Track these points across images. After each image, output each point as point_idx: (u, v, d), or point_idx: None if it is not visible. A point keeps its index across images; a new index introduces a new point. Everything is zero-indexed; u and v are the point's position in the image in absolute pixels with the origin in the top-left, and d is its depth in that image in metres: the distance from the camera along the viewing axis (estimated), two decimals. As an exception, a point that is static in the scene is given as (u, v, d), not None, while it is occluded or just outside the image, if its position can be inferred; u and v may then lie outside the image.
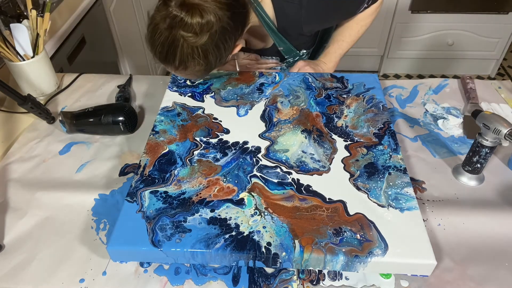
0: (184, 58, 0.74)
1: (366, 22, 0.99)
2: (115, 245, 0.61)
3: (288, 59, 1.05)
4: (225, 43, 0.76)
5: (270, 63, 1.08)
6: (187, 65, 0.75)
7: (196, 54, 0.73)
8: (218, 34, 0.73)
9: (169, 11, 0.70)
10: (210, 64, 0.77)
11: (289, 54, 1.02)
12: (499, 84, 1.02)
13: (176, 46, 0.72)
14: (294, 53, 1.02)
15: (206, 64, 0.77)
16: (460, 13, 2.20)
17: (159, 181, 0.71)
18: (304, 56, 1.06)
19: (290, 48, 1.00)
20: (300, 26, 0.92)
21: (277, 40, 0.97)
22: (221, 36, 0.74)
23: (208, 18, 0.70)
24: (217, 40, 0.74)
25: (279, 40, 0.97)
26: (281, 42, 0.97)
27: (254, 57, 1.07)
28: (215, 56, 0.76)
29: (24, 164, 0.85)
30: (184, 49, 0.72)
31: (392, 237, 0.61)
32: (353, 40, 1.01)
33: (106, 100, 1.01)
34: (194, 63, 0.75)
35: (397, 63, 2.50)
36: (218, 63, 0.79)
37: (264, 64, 1.08)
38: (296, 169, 0.72)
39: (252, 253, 0.59)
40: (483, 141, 0.73)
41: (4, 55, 0.95)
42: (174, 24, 0.70)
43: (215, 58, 0.76)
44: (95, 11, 1.56)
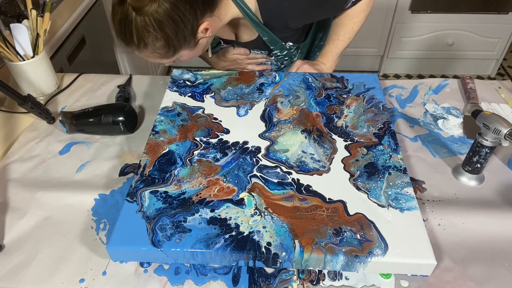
0: (140, 33, 0.72)
1: (359, 19, 0.98)
2: (115, 245, 0.61)
3: (275, 50, 1.04)
4: (181, 14, 0.73)
5: (259, 57, 1.08)
6: (146, 41, 0.74)
7: (151, 26, 0.72)
8: (169, 4, 0.71)
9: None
10: (169, 39, 0.75)
11: (274, 45, 1.02)
12: (499, 84, 1.02)
13: (129, 22, 0.71)
14: (279, 45, 1.02)
15: (165, 39, 0.74)
16: (460, 13, 2.20)
17: (159, 181, 0.71)
18: (293, 50, 1.06)
19: (274, 38, 0.99)
20: (284, 19, 0.92)
21: (260, 31, 0.97)
22: (173, 7, 0.72)
23: None
24: (169, 11, 0.72)
25: (262, 31, 0.96)
26: (264, 32, 0.97)
27: (243, 51, 1.06)
28: (172, 29, 0.74)
29: (24, 164, 0.85)
30: (138, 22, 0.71)
31: (392, 237, 0.61)
32: (349, 38, 1.00)
33: (106, 100, 1.01)
34: (151, 38, 0.73)
35: (397, 63, 2.50)
36: (180, 40, 0.77)
37: (253, 59, 1.08)
38: (296, 169, 0.72)
39: (252, 253, 0.59)
40: (483, 141, 0.73)
41: (4, 55, 0.95)
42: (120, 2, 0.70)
43: (174, 32, 0.74)
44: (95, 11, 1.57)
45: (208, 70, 0.98)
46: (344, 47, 1.02)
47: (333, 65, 1.03)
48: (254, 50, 1.06)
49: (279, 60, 1.09)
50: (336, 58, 1.03)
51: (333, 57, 1.02)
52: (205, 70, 0.98)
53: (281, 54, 1.06)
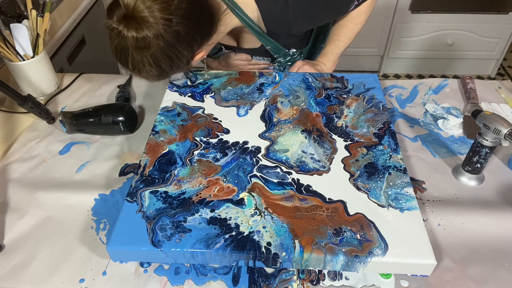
0: (136, 65, 0.72)
1: (360, 20, 0.98)
2: (115, 245, 0.61)
3: (278, 58, 1.04)
4: (177, 53, 0.73)
5: (261, 64, 1.07)
6: (140, 70, 0.74)
7: (147, 62, 0.72)
8: (166, 46, 0.71)
9: (110, 22, 0.69)
10: (164, 71, 0.75)
11: (278, 53, 1.01)
12: (499, 84, 1.02)
13: (126, 54, 0.71)
14: (283, 52, 1.01)
15: (160, 71, 0.75)
16: (460, 13, 2.20)
17: (159, 181, 0.71)
18: (296, 56, 1.05)
19: (277, 47, 0.99)
20: (288, 27, 0.91)
21: (263, 40, 0.96)
22: (170, 47, 0.71)
23: (145, 34, 0.67)
24: (166, 51, 0.71)
25: (266, 40, 0.96)
26: (267, 41, 0.96)
27: (245, 57, 1.06)
28: (167, 64, 0.74)
29: (24, 164, 0.85)
30: (135, 57, 0.71)
31: (392, 237, 0.61)
32: (350, 39, 1.01)
33: (106, 100, 1.01)
34: (146, 70, 0.73)
35: (397, 63, 2.50)
36: (175, 70, 0.77)
37: (255, 65, 1.07)
38: (296, 169, 0.72)
39: (252, 253, 0.59)
40: (483, 141, 0.73)
41: (4, 55, 0.95)
42: (116, 34, 0.69)
43: (168, 66, 0.74)
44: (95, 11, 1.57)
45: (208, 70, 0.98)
46: (344, 48, 1.02)
47: (333, 65, 1.03)
48: (256, 57, 1.06)
49: (281, 65, 1.08)
50: (337, 58, 1.03)
51: (334, 57, 1.02)
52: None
53: (284, 60, 1.06)
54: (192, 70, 0.97)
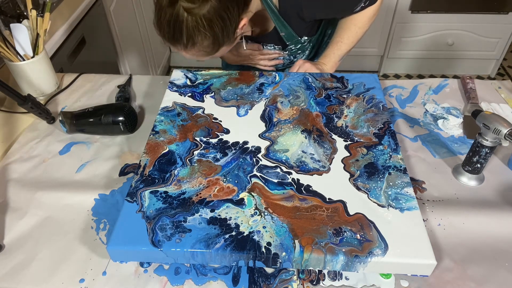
0: (191, 32, 0.75)
1: (363, 24, 1.00)
2: (115, 245, 0.61)
3: (290, 45, 1.05)
4: (228, 13, 0.77)
5: (272, 53, 1.09)
6: (195, 40, 0.77)
7: (201, 25, 0.75)
8: (218, 3, 0.74)
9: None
10: (217, 36, 0.78)
11: (291, 40, 1.03)
12: (499, 84, 1.02)
13: (181, 21, 0.74)
14: (295, 39, 1.03)
15: (213, 37, 0.78)
16: (460, 13, 2.20)
17: (159, 181, 0.71)
18: (306, 44, 1.07)
19: (291, 33, 1.00)
20: (301, 9, 0.93)
21: (279, 25, 0.98)
22: (223, 5, 0.75)
23: None
24: (219, 9, 0.75)
25: (281, 25, 0.98)
26: (283, 27, 0.98)
27: (256, 47, 1.07)
28: (220, 28, 0.77)
29: (24, 164, 0.85)
30: (189, 23, 0.74)
31: (392, 237, 0.61)
32: (352, 42, 1.02)
33: (106, 100, 1.01)
34: (201, 36, 0.76)
35: (397, 63, 2.50)
36: (225, 37, 0.80)
37: (266, 55, 1.09)
38: (296, 169, 0.72)
39: (252, 253, 0.59)
40: (483, 141, 0.73)
41: (4, 55, 0.95)
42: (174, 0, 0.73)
43: (221, 30, 0.78)
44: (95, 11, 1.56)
45: (208, 70, 0.98)
46: (346, 51, 1.02)
47: (334, 67, 1.04)
48: (267, 46, 1.07)
49: (292, 54, 1.10)
50: (338, 60, 1.03)
51: (335, 59, 1.03)
52: (205, 70, 0.98)
53: (295, 48, 1.07)
54: (193, 70, 0.97)
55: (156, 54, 2.31)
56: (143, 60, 2.12)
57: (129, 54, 1.89)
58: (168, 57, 2.59)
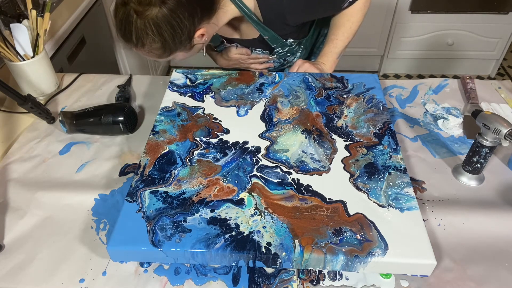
0: (139, 34, 0.77)
1: (357, 18, 0.99)
2: (115, 245, 0.61)
3: (277, 48, 1.05)
4: (178, 21, 0.77)
5: (261, 57, 1.09)
6: (144, 42, 0.78)
7: (150, 29, 0.76)
8: (169, 11, 0.75)
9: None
10: (166, 42, 0.79)
11: (276, 43, 1.03)
12: (499, 84, 1.02)
13: (130, 22, 0.75)
14: (280, 42, 1.03)
15: (162, 42, 0.78)
16: (460, 13, 2.20)
17: (159, 181, 0.71)
18: (294, 46, 1.07)
19: (275, 36, 1.00)
20: (284, 16, 0.93)
21: (260, 30, 0.98)
22: (173, 14, 0.76)
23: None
24: (168, 17, 0.76)
25: (263, 29, 0.98)
26: (265, 31, 0.98)
27: (245, 51, 1.08)
28: (170, 34, 0.78)
29: (24, 164, 0.85)
30: (138, 24, 0.75)
31: (392, 237, 0.61)
32: (347, 38, 1.01)
33: (106, 100, 1.01)
34: (149, 40, 0.77)
35: (397, 63, 2.50)
36: (177, 44, 0.80)
37: (255, 59, 1.09)
38: (296, 169, 0.72)
39: (252, 253, 0.59)
40: (483, 141, 0.73)
41: (4, 55, 0.95)
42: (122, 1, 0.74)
43: (171, 37, 0.78)
44: (95, 11, 1.56)
45: (208, 70, 0.98)
46: (343, 47, 1.02)
47: (333, 65, 1.04)
48: (256, 50, 1.07)
49: (281, 57, 1.10)
50: (336, 58, 1.03)
51: (333, 57, 1.02)
52: (205, 70, 0.98)
53: (283, 51, 1.07)
54: (192, 71, 0.97)
55: (156, 54, 2.30)
56: (143, 60, 2.12)
57: (129, 54, 1.88)
58: (168, 57, 2.58)
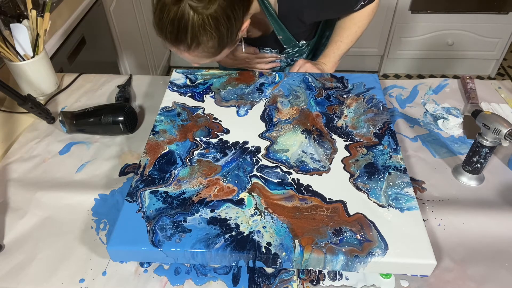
0: (196, 32, 0.72)
1: (362, 24, 0.99)
2: (115, 245, 0.61)
3: (288, 49, 1.05)
4: (234, 12, 0.75)
5: (269, 56, 1.08)
6: (200, 40, 0.74)
7: (208, 24, 0.72)
8: (227, 1, 0.73)
9: None
10: (222, 37, 0.76)
11: (288, 44, 1.02)
12: (499, 84, 1.02)
13: (186, 20, 0.71)
14: (293, 43, 1.02)
15: (219, 37, 0.75)
16: (460, 13, 2.20)
17: (159, 181, 0.71)
18: (304, 48, 1.06)
19: (289, 37, 0.99)
20: (301, 12, 0.92)
21: (277, 28, 0.97)
22: (230, 4, 0.73)
23: None
24: (226, 8, 0.73)
25: (279, 29, 0.97)
26: (280, 30, 0.97)
27: (253, 50, 1.07)
28: (226, 27, 0.75)
29: (24, 164, 0.85)
30: (195, 21, 0.71)
31: (392, 237, 0.61)
32: (351, 41, 1.01)
33: (106, 100, 1.01)
34: (206, 36, 0.74)
35: (397, 63, 2.50)
36: (229, 37, 0.78)
37: (263, 58, 1.08)
38: (296, 169, 0.72)
39: (252, 253, 0.59)
40: (483, 141, 0.73)
41: (4, 55, 0.95)
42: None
43: (227, 30, 0.75)
44: (95, 11, 1.56)
45: (208, 70, 0.98)
46: (345, 50, 1.02)
47: (334, 67, 1.04)
48: (264, 49, 1.06)
49: (289, 57, 1.09)
50: (337, 59, 1.03)
51: (335, 58, 1.03)
52: (205, 70, 0.98)
53: (293, 51, 1.07)
54: (192, 70, 0.97)
55: (156, 54, 2.31)
56: (143, 60, 2.12)
57: (129, 54, 1.89)
58: (168, 57, 2.59)
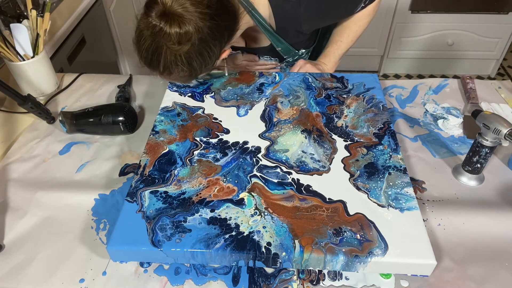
0: (168, 65, 0.75)
1: (363, 23, 0.99)
2: (115, 245, 0.61)
3: (288, 59, 1.05)
4: (209, 50, 0.76)
5: (269, 64, 1.08)
6: (171, 71, 0.76)
7: (180, 61, 0.74)
8: (201, 43, 0.73)
9: (149, 20, 0.71)
10: (194, 70, 0.78)
11: (288, 54, 1.02)
12: (499, 84, 1.02)
13: (159, 54, 0.73)
14: (293, 53, 1.02)
15: (191, 71, 0.77)
16: (460, 13, 2.20)
17: (159, 181, 0.71)
18: (304, 55, 1.06)
19: (288, 48, 1.00)
20: (299, 24, 0.92)
21: (274, 41, 0.97)
22: (204, 45, 0.74)
23: (187, 28, 0.70)
24: (200, 48, 0.74)
25: (277, 41, 0.97)
26: (278, 42, 0.97)
27: (252, 58, 1.07)
28: (199, 63, 0.76)
29: (24, 164, 0.85)
30: (168, 56, 0.73)
31: (392, 237, 0.61)
32: (351, 41, 1.01)
33: (106, 100, 1.01)
34: (178, 69, 0.76)
35: (397, 63, 2.50)
36: (203, 69, 0.79)
37: (263, 66, 1.08)
38: (296, 169, 0.72)
39: (252, 253, 0.59)
40: (483, 141, 0.73)
41: (4, 55, 0.95)
42: (155, 32, 0.71)
43: (200, 65, 0.77)
44: (95, 11, 1.56)
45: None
46: (346, 50, 1.02)
47: (334, 66, 1.04)
48: (264, 57, 1.06)
49: (290, 65, 1.09)
50: (338, 59, 1.03)
51: (335, 58, 1.03)
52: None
53: (293, 60, 1.06)
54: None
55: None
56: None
57: (129, 54, 1.89)
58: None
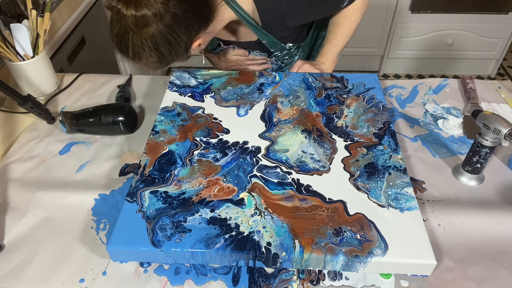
0: (136, 49, 0.75)
1: (355, 17, 0.98)
2: (115, 245, 0.61)
3: (275, 52, 1.05)
4: (175, 36, 0.75)
5: (259, 59, 1.09)
6: (140, 56, 0.76)
7: (146, 46, 0.74)
8: (165, 28, 0.73)
9: (110, 1, 0.71)
10: (163, 56, 0.77)
11: (274, 47, 1.03)
12: (499, 84, 1.02)
13: (126, 38, 0.73)
14: (279, 46, 1.02)
15: (159, 56, 0.77)
16: (460, 13, 2.20)
17: (159, 181, 0.71)
18: (293, 50, 1.06)
19: (273, 41, 1.00)
20: (283, 19, 0.93)
21: (259, 34, 0.97)
22: (169, 30, 0.74)
23: (144, 12, 0.70)
24: (165, 34, 0.74)
25: (262, 34, 0.97)
26: (263, 35, 0.98)
27: (242, 53, 1.07)
28: (166, 49, 0.76)
29: (24, 164, 0.85)
30: (135, 41, 0.73)
31: (392, 237, 0.61)
32: (347, 37, 1.01)
33: (106, 100, 1.01)
34: (146, 55, 0.76)
35: (397, 63, 2.50)
36: (174, 56, 0.79)
37: (253, 60, 1.09)
38: (296, 169, 0.72)
39: (252, 253, 0.59)
40: (483, 141, 0.73)
41: (4, 55, 0.95)
42: (119, 17, 0.71)
43: (168, 51, 0.77)
44: (95, 11, 1.57)
45: (208, 70, 0.98)
46: (342, 46, 1.02)
47: (333, 65, 1.04)
48: (254, 52, 1.07)
49: (279, 59, 1.09)
50: (335, 57, 1.03)
51: (332, 56, 1.02)
52: (205, 70, 0.98)
53: (281, 54, 1.06)
54: (192, 71, 0.97)
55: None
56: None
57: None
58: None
